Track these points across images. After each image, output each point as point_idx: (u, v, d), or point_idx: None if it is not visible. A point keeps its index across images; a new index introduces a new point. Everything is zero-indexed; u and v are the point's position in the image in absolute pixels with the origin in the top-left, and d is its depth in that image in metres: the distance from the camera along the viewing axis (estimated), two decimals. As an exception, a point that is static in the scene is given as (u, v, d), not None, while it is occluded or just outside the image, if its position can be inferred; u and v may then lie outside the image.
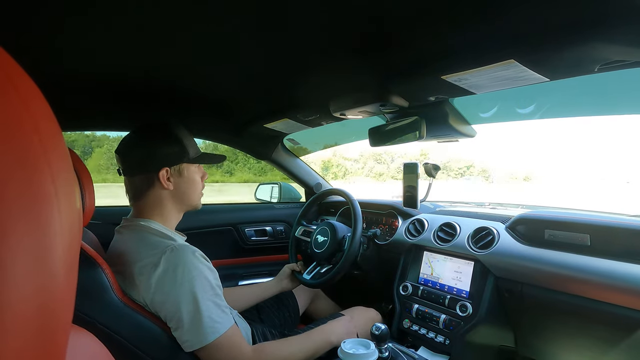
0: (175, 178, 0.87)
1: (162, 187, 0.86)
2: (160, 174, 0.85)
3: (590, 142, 70.90)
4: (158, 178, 0.85)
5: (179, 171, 0.88)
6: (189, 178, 0.89)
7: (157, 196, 0.87)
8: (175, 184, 0.87)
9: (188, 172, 0.89)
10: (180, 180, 0.88)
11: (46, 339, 0.17)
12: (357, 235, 1.18)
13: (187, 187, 0.89)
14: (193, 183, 0.90)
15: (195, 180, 0.91)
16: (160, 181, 0.85)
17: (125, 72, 0.92)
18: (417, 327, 1.11)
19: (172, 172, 0.87)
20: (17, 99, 0.15)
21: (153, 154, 0.86)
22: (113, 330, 0.73)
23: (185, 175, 0.89)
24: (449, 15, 0.60)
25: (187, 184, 0.89)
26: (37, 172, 0.16)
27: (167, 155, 0.86)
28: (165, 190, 0.87)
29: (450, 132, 1.04)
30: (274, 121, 1.32)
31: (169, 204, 0.88)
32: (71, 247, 0.18)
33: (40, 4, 0.57)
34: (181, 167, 0.88)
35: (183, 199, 0.90)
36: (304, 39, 0.71)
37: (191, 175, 0.90)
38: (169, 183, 0.86)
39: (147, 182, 0.86)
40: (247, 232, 1.66)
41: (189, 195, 0.90)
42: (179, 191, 0.88)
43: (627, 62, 0.63)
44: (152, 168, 0.85)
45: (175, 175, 0.87)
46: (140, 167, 0.86)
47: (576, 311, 0.84)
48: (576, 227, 0.90)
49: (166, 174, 0.86)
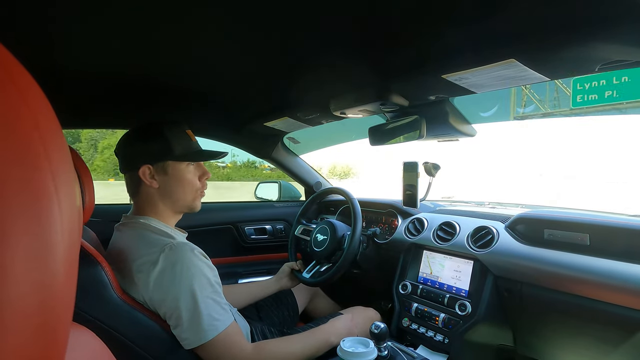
0: (160, 176, 0.86)
1: (147, 185, 0.86)
2: (140, 171, 0.84)
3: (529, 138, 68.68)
4: (138, 176, 0.85)
5: (164, 169, 0.86)
6: (176, 176, 0.87)
7: (147, 194, 0.87)
8: (160, 182, 0.86)
9: (174, 170, 0.87)
10: (166, 179, 0.87)
11: (46, 336, 0.17)
12: (357, 233, 1.18)
13: (174, 186, 0.87)
14: (181, 182, 0.88)
15: (185, 179, 0.88)
16: (141, 179, 0.85)
17: (125, 71, 0.92)
18: (416, 326, 1.11)
19: (156, 169, 0.86)
20: (17, 95, 0.15)
21: (135, 151, 0.86)
22: (113, 327, 0.73)
23: (170, 174, 0.87)
24: (450, 14, 0.60)
25: (175, 182, 0.87)
26: (37, 170, 0.16)
27: (148, 152, 0.86)
28: (153, 189, 0.86)
29: (451, 131, 1.04)
30: (274, 120, 1.32)
31: (160, 203, 0.88)
32: (71, 245, 0.18)
33: (40, 1, 0.57)
34: (165, 164, 0.86)
35: (171, 198, 0.88)
36: (304, 37, 0.71)
37: (178, 173, 0.88)
38: (153, 181, 0.85)
39: (133, 180, 0.87)
40: (247, 230, 1.66)
41: (178, 195, 0.88)
42: (166, 190, 0.87)
43: (628, 62, 0.63)
44: (133, 165, 0.85)
45: (160, 173, 0.86)
46: (126, 165, 0.88)
47: (575, 311, 0.84)
48: (576, 226, 0.90)
49: (148, 171, 0.85)
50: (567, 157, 11.62)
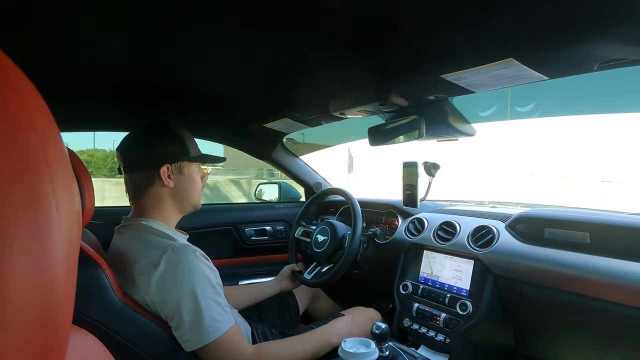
0: (175, 176, 0.88)
1: (162, 184, 0.86)
2: (161, 170, 0.85)
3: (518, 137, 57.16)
4: (159, 175, 0.85)
5: (180, 169, 0.89)
6: (190, 176, 0.90)
7: (157, 194, 0.87)
8: (175, 182, 0.88)
9: (188, 170, 0.90)
10: (181, 178, 0.89)
11: (46, 339, 0.17)
12: (357, 233, 1.18)
13: (188, 186, 0.90)
14: (193, 182, 0.91)
15: (196, 179, 0.92)
16: (161, 178, 0.86)
17: (124, 72, 0.92)
18: (417, 326, 1.11)
19: (173, 169, 0.87)
20: (14, 98, 0.15)
21: (154, 150, 0.87)
22: (113, 330, 0.73)
23: (185, 174, 0.90)
24: (448, 14, 0.60)
25: (188, 182, 0.90)
26: (36, 173, 0.16)
27: (169, 152, 0.87)
28: (166, 188, 0.87)
29: (450, 131, 1.04)
30: (273, 121, 1.32)
31: (169, 202, 0.89)
32: (71, 247, 0.18)
33: (36, 3, 0.57)
34: (182, 165, 0.89)
35: (183, 197, 0.90)
36: (303, 38, 0.71)
37: (191, 173, 0.91)
38: (170, 180, 0.87)
39: (147, 179, 0.87)
40: (247, 231, 1.66)
41: (189, 194, 0.91)
42: (179, 189, 0.89)
43: (626, 61, 0.63)
44: (153, 165, 0.86)
45: (176, 173, 0.88)
46: (141, 164, 0.87)
47: (576, 309, 0.84)
48: (576, 225, 0.90)
49: (167, 170, 0.86)
50: (560, 155, 11.28)
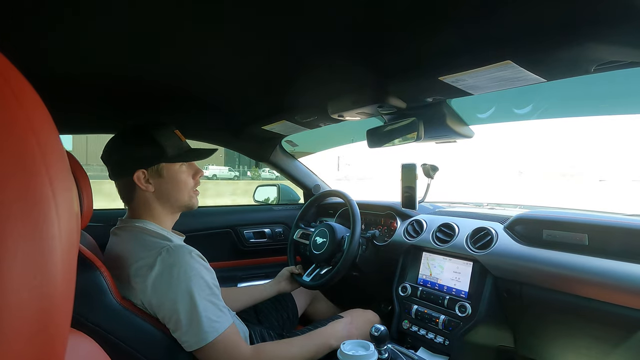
0: (154, 179, 0.85)
1: (142, 189, 0.84)
2: (135, 176, 0.83)
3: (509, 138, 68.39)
4: (134, 181, 0.83)
5: (158, 172, 0.85)
6: (172, 178, 0.87)
7: (143, 198, 0.86)
8: (156, 185, 0.85)
9: (169, 172, 0.86)
10: (161, 181, 0.86)
11: (45, 342, 0.17)
12: (356, 235, 1.18)
13: (170, 188, 0.87)
14: (177, 183, 0.88)
15: (180, 180, 0.88)
16: (136, 184, 0.84)
17: (121, 74, 0.92)
18: (416, 328, 1.11)
19: (150, 173, 0.85)
20: (13, 100, 0.15)
21: (127, 157, 0.84)
22: (111, 333, 0.72)
23: (165, 176, 0.86)
24: (446, 17, 0.61)
25: (170, 184, 0.87)
26: (35, 175, 0.16)
27: (141, 157, 0.84)
28: (148, 192, 0.85)
29: (448, 133, 1.04)
30: (271, 123, 1.32)
31: (157, 206, 0.87)
32: (69, 250, 0.18)
33: (36, 5, 0.57)
34: (159, 167, 0.85)
35: (169, 199, 0.88)
36: (301, 40, 0.72)
37: (173, 174, 0.87)
38: (148, 185, 0.85)
39: (128, 185, 0.85)
40: (246, 234, 1.66)
41: (174, 196, 0.88)
42: (162, 192, 0.86)
43: (623, 63, 0.63)
44: (126, 172, 0.84)
45: (155, 176, 0.85)
46: (119, 171, 0.86)
47: (575, 311, 0.84)
48: (574, 227, 0.90)
49: (143, 176, 0.84)
50: (549, 154, 11.24)
